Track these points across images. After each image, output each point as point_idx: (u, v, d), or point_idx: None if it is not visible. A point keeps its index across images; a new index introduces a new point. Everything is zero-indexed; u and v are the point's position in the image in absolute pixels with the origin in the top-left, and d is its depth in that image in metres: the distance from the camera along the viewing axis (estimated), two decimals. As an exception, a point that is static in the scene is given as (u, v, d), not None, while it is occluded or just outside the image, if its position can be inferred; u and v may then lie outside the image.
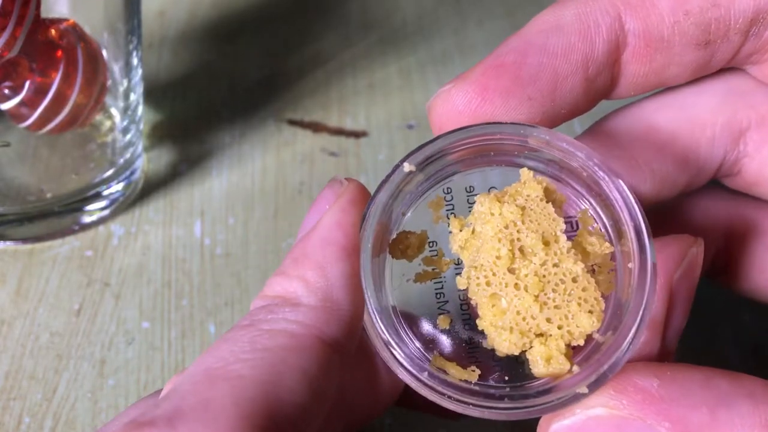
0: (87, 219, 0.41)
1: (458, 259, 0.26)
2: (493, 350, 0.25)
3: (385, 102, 0.49)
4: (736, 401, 0.22)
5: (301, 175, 0.45)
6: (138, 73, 0.41)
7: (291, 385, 0.22)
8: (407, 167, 0.25)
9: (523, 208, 0.25)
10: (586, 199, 0.26)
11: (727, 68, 0.29)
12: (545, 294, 0.24)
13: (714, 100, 0.30)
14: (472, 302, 0.25)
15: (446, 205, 0.26)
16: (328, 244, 0.25)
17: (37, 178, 0.41)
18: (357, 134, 0.47)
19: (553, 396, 0.23)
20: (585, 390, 0.23)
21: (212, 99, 0.48)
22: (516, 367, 0.25)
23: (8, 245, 0.40)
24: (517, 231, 0.24)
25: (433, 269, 0.26)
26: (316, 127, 0.47)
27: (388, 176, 0.25)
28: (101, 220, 0.41)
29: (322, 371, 0.23)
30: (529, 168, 0.25)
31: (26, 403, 0.35)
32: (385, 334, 0.24)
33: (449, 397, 0.24)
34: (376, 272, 0.25)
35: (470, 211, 0.26)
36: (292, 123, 0.47)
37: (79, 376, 0.36)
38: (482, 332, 0.25)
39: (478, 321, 0.25)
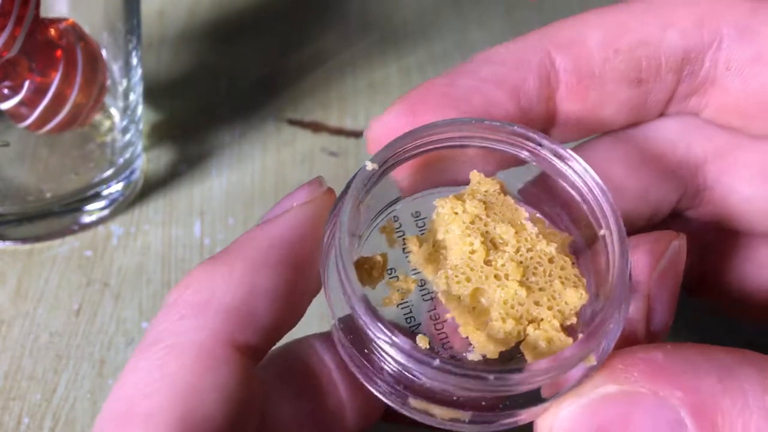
0: (86, 219, 0.41)
1: (421, 280, 0.25)
2: (481, 359, 0.24)
3: (385, 102, 0.49)
4: (740, 369, 0.22)
5: (301, 175, 0.45)
6: (137, 73, 0.41)
7: (207, 410, 0.21)
8: (370, 165, 0.24)
9: (484, 203, 0.24)
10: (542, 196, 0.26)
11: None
12: (527, 278, 0.24)
13: (670, 135, 0.30)
14: (447, 316, 0.24)
15: (396, 231, 0.26)
16: (272, 246, 0.23)
17: (37, 177, 0.40)
18: (357, 134, 0.47)
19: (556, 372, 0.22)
20: (594, 361, 0.22)
21: (212, 99, 0.48)
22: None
23: (8, 245, 0.40)
24: (484, 224, 0.24)
25: (398, 291, 0.25)
26: (316, 127, 0.47)
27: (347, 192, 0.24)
28: (101, 220, 0.41)
29: (239, 381, 0.21)
30: (479, 171, 0.25)
31: (26, 403, 0.35)
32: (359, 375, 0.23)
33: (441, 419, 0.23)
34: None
35: (422, 233, 0.25)
36: (292, 123, 0.47)
37: (79, 376, 0.36)
38: (466, 343, 0.24)
39: (460, 329, 0.24)
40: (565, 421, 0.22)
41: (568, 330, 0.23)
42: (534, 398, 0.23)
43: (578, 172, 0.25)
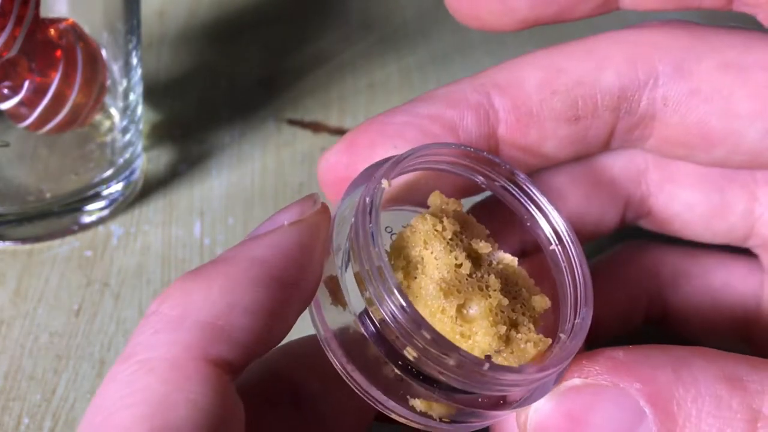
0: (86, 219, 0.41)
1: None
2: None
3: (385, 102, 0.49)
4: (693, 360, 0.23)
5: (300, 175, 0.44)
6: (137, 73, 0.41)
7: (180, 422, 0.20)
8: (385, 183, 0.25)
9: (459, 221, 0.26)
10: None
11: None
12: (505, 288, 0.25)
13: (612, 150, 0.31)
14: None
15: None
16: (256, 264, 0.23)
17: (37, 178, 0.40)
18: (357, 134, 0.47)
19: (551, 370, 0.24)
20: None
21: (212, 99, 0.48)
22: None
23: (7, 245, 0.40)
24: (461, 240, 0.25)
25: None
26: (316, 127, 0.47)
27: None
28: (101, 220, 0.41)
29: (214, 395, 0.21)
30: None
31: (25, 403, 0.35)
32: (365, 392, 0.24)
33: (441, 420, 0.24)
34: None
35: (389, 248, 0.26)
36: (292, 123, 0.47)
37: (79, 377, 0.36)
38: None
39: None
40: (536, 413, 0.24)
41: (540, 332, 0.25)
42: (503, 402, 0.24)
43: (531, 196, 0.27)
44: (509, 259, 0.26)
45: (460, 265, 0.25)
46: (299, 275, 0.24)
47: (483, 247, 0.25)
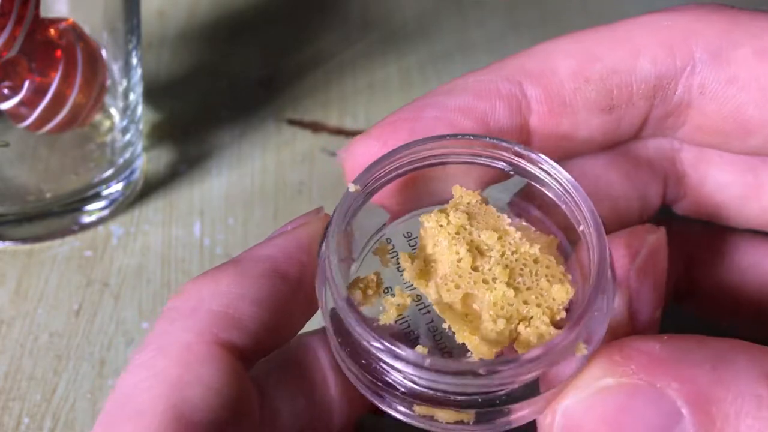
0: (86, 219, 0.41)
1: (417, 294, 0.26)
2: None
3: (385, 102, 0.49)
4: (734, 357, 0.22)
5: (300, 175, 0.44)
6: (137, 73, 0.41)
7: (195, 401, 0.22)
8: (353, 187, 0.25)
9: (468, 213, 0.25)
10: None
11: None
12: (514, 280, 0.24)
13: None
14: (444, 326, 0.25)
15: (390, 253, 0.27)
16: (261, 261, 0.25)
17: (37, 178, 0.40)
18: (357, 134, 0.47)
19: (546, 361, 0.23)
20: (585, 351, 0.23)
21: (212, 99, 0.48)
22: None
23: (7, 245, 0.40)
24: (469, 233, 0.25)
25: (396, 305, 0.26)
26: (315, 127, 0.47)
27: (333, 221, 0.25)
28: (101, 220, 0.41)
29: (227, 377, 0.23)
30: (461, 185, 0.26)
31: (25, 403, 0.35)
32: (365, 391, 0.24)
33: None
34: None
35: (414, 251, 0.26)
36: (292, 123, 0.47)
37: (79, 377, 0.36)
38: (465, 350, 0.24)
39: (456, 336, 0.24)
40: (566, 416, 0.23)
41: (559, 325, 0.24)
42: (531, 392, 0.23)
43: (550, 172, 0.26)
44: (527, 246, 0.25)
45: (461, 260, 0.24)
46: (301, 272, 0.25)
47: (489, 237, 0.25)
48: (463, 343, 0.24)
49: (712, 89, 0.27)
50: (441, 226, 0.25)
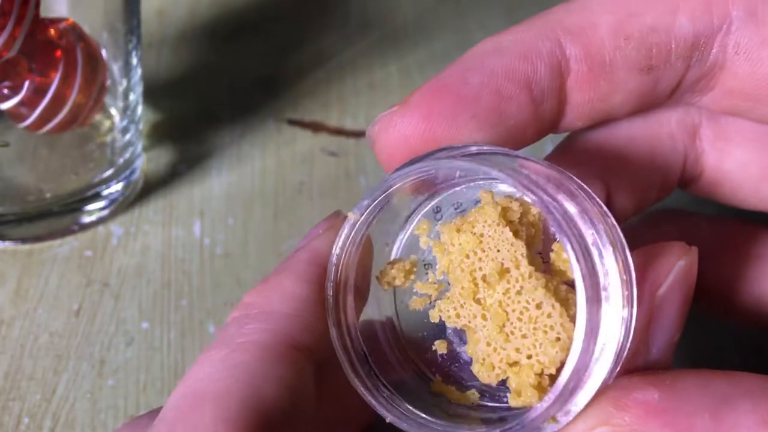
0: (86, 219, 0.41)
1: (448, 282, 0.25)
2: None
3: (385, 102, 0.49)
4: (736, 401, 0.22)
5: (300, 175, 0.44)
6: (137, 73, 0.41)
7: (270, 394, 0.23)
8: (352, 217, 0.25)
9: (481, 236, 0.24)
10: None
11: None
12: (511, 323, 0.23)
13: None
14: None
15: (435, 224, 0.26)
16: (311, 264, 0.26)
17: (37, 178, 0.40)
18: (357, 134, 0.47)
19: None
20: (558, 422, 0.22)
21: (212, 99, 0.48)
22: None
23: (7, 245, 0.40)
24: (479, 260, 0.24)
25: (426, 294, 0.26)
26: (316, 127, 0.47)
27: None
28: (100, 220, 0.41)
29: (298, 376, 0.24)
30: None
31: (25, 403, 0.35)
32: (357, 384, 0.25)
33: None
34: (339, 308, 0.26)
35: (464, 213, 0.25)
36: (292, 123, 0.47)
37: (79, 377, 0.36)
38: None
39: (466, 347, 0.24)
40: None
41: (551, 378, 0.23)
42: None
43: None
44: (532, 289, 0.23)
45: (463, 288, 0.24)
46: None
47: (492, 271, 0.23)
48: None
49: (747, 49, 0.26)
50: (453, 245, 0.24)
